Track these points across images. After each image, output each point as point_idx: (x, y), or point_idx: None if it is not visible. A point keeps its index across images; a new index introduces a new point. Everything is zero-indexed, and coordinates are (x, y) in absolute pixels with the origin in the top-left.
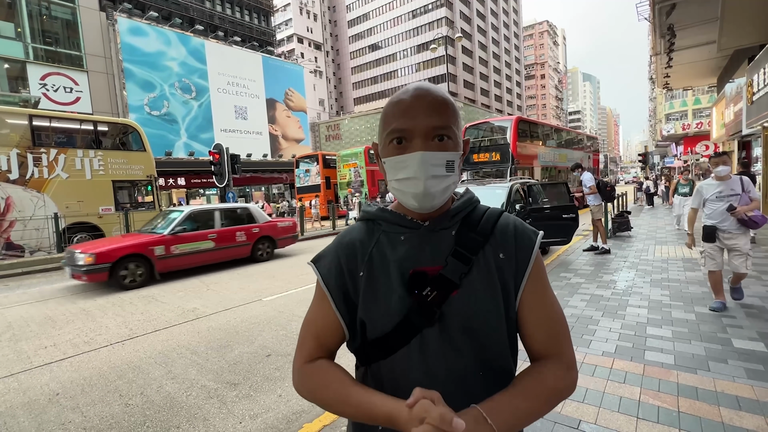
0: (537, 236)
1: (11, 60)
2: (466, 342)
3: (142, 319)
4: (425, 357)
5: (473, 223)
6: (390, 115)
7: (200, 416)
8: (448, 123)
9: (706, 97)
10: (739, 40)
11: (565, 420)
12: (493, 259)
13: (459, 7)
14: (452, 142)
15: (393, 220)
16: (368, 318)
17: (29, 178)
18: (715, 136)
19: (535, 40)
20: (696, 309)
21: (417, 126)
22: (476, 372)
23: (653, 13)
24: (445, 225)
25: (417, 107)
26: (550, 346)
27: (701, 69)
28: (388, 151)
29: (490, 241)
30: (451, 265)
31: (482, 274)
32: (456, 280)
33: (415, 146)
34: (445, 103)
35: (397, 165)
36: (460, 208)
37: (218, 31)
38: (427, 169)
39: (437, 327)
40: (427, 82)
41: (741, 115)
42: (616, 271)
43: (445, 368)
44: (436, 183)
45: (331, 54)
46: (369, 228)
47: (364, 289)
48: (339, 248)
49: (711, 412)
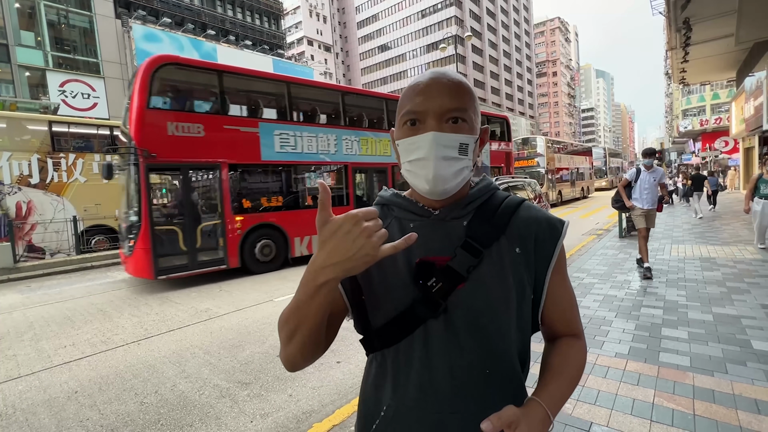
0: (563, 226)
1: (32, 68)
2: (470, 338)
3: (156, 320)
4: (429, 350)
5: (488, 213)
6: (406, 98)
7: (212, 415)
8: (463, 105)
9: (724, 92)
10: (758, 32)
11: (576, 422)
12: (507, 252)
13: (469, 6)
14: (467, 125)
15: (405, 206)
16: (372, 303)
17: (49, 182)
18: (734, 132)
19: (547, 37)
20: (714, 310)
21: (430, 107)
22: (481, 369)
23: (668, 6)
24: (456, 214)
25: (432, 89)
26: (570, 328)
27: (719, 63)
28: (402, 132)
29: (506, 234)
30: (459, 256)
31: (494, 268)
32: (463, 273)
33: (428, 127)
34: (461, 85)
35: (409, 146)
36: (474, 196)
37: (230, 36)
38: (439, 150)
39: (442, 320)
40: (445, 68)
41: (762, 110)
42: (631, 271)
43: (449, 363)
44: (447, 165)
45: (340, 55)
46: (382, 213)
47: (370, 271)
48: None
49: (728, 415)
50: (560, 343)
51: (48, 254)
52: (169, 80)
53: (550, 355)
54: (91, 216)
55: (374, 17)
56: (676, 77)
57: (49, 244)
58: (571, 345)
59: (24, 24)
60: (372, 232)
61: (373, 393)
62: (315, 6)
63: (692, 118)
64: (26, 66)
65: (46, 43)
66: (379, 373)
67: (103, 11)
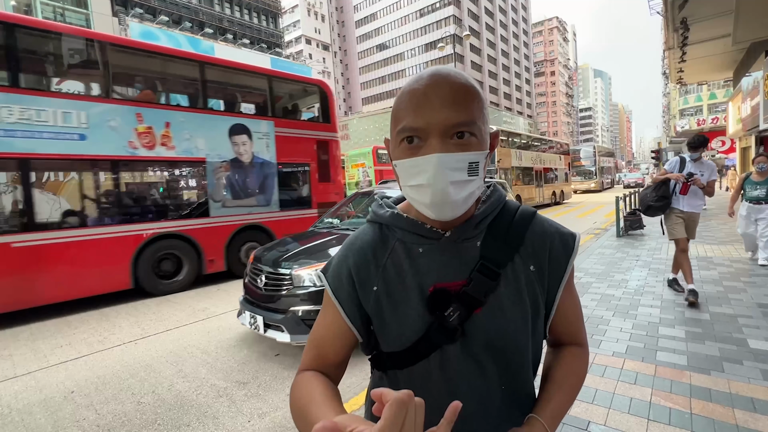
0: (575, 241)
1: None
2: (489, 361)
3: (154, 319)
4: (445, 374)
5: (501, 231)
6: (401, 109)
7: (210, 414)
8: (471, 117)
9: (721, 92)
10: (755, 32)
11: (573, 421)
12: (523, 272)
13: (467, 5)
14: (476, 140)
15: (410, 229)
16: (384, 333)
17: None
18: (731, 132)
19: (545, 37)
20: (710, 308)
21: (432, 123)
22: (498, 392)
23: (666, 6)
24: (468, 235)
25: (432, 99)
26: (575, 338)
27: (716, 63)
28: (399, 152)
29: (520, 252)
30: (476, 281)
31: (510, 289)
32: (481, 298)
33: (430, 147)
34: (467, 91)
35: (409, 169)
36: (485, 212)
37: (227, 34)
38: (446, 175)
39: (458, 344)
40: (446, 66)
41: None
42: (628, 270)
43: (467, 387)
44: (456, 191)
45: (339, 54)
46: (383, 234)
47: (379, 303)
48: (348, 254)
49: (725, 414)
50: (564, 353)
51: None
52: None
53: (553, 366)
54: None
55: (372, 16)
56: (673, 77)
57: None
58: (575, 355)
59: None
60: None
61: None
62: (313, 5)
63: (689, 118)
64: None
65: None
66: None
67: (99, 9)
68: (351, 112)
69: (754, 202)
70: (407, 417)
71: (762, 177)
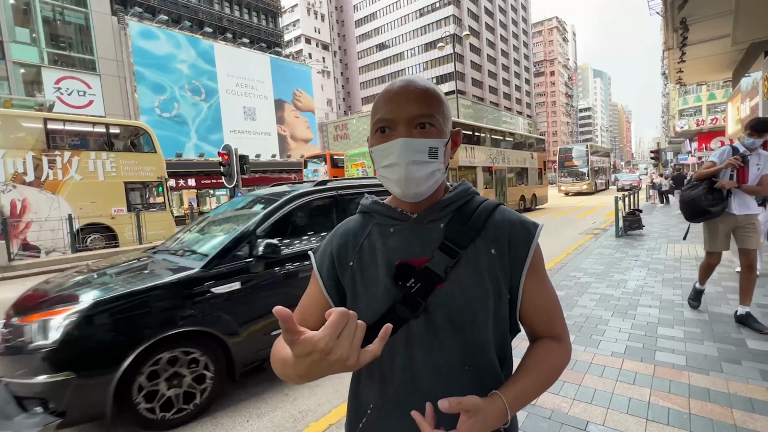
0: (536, 229)
1: (27, 65)
2: (450, 336)
3: None
4: (410, 349)
5: (465, 216)
6: (377, 106)
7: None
8: (430, 111)
9: (720, 92)
10: (754, 33)
11: (572, 421)
12: (483, 253)
13: (467, 5)
14: (435, 130)
15: (384, 212)
16: (355, 306)
17: (44, 180)
18: (730, 132)
19: (545, 37)
20: (709, 309)
21: (399, 114)
22: (461, 367)
23: (665, 7)
24: (434, 217)
25: (400, 97)
26: (549, 329)
27: (715, 63)
28: (375, 140)
29: (482, 235)
30: (437, 257)
31: (470, 268)
32: (441, 273)
33: (398, 134)
34: (428, 92)
35: (381, 153)
36: (451, 199)
37: (227, 33)
38: (409, 155)
39: (423, 320)
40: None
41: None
42: (627, 270)
43: (430, 362)
44: (417, 168)
45: (338, 54)
46: (364, 220)
47: (353, 278)
48: (333, 237)
49: (723, 414)
50: (538, 344)
51: (43, 253)
52: None
53: (527, 355)
54: (87, 214)
55: (372, 16)
56: (673, 77)
57: (44, 243)
58: (550, 347)
59: (19, 20)
60: (345, 359)
61: (359, 393)
62: (313, 4)
63: (689, 118)
64: (21, 63)
65: (41, 40)
66: (367, 374)
67: (99, 8)
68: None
69: None
70: (347, 326)
71: None
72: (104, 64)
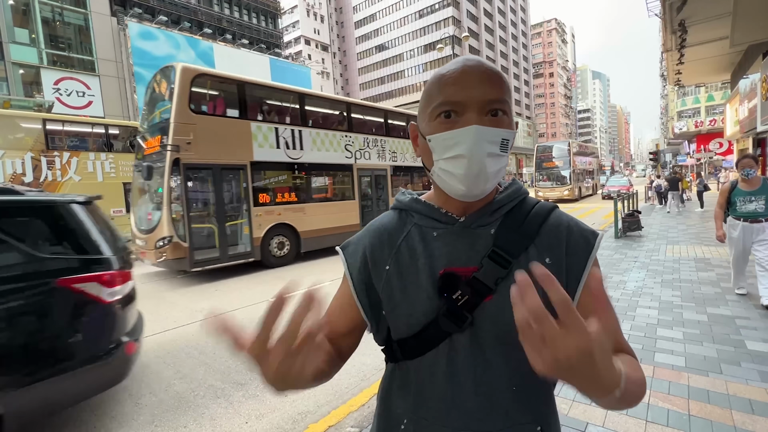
0: (596, 238)
1: (26, 65)
2: (497, 353)
3: (151, 319)
4: (453, 365)
5: (517, 221)
6: (435, 87)
7: (207, 416)
8: (503, 96)
9: (719, 94)
10: (753, 35)
11: (572, 423)
12: None
13: (466, 6)
14: (507, 119)
15: (426, 213)
16: (394, 314)
17: (43, 181)
18: (728, 134)
19: (544, 38)
20: (708, 310)
21: (470, 97)
22: (507, 387)
23: (664, 8)
24: (483, 222)
25: (469, 78)
26: (615, 347)
27: (714, 65)
28: (434, 127)
29: (536, 243)
30: (486, 267)
31: None
32: (491, 285)
33: (468, 120)
34: (498, 74)
35: (445, 142)
36: (502, 201)
37: (226, 34)
38: (483, 146)
39: (468, 334)
40: (477, 56)
41: (756, 112)
42: (626, 272)
43: (474, 379)
44: (491, 163)
45: (338, 55)
46: (401, 218)
47: (390, 283)
48: (366, 235)
49: (723, 415)
50: (620, 355)
51: None
52: None
53: None
54: None
55: (372, 17)
56: (671, 79)
57: None
58: (632, 360)
59: (18, 21)
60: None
61: (390, 406)
62: (312, 5)
63: (687, 120)
64: (20, 63)
65: (40, 41)
66: (401, 384)
67: (98, 8)
68: None
69: (751, 220)
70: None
71: (752, 186)
72: (103, 64)
